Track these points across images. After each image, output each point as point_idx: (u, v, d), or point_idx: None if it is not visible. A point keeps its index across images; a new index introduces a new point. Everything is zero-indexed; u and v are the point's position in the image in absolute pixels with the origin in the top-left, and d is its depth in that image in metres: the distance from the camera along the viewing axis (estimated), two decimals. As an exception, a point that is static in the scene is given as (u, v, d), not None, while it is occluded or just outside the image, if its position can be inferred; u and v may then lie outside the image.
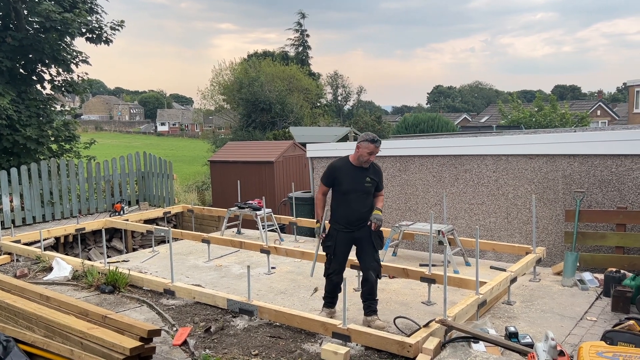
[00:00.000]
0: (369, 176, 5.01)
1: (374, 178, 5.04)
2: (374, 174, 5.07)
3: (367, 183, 4.99)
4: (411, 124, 24.73)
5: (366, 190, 5.01)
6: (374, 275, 5.04)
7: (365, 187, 5.00)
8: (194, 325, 5.05)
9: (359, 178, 4.98)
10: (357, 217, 5.00)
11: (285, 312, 4.93)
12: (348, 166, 5.03)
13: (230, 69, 36.19)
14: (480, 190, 8.05)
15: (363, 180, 4.98)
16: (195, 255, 8.38)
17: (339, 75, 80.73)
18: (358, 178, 4.98)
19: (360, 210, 5.00)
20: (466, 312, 4.94)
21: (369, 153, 4.92)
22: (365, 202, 5.03)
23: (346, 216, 5.01)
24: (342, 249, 5.10)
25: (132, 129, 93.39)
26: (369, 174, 5.03)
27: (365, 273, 5.11)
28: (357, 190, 4.98)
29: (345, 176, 5.01)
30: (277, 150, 13.03)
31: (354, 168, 5.01)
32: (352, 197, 4.99)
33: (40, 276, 6.86)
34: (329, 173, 5.13)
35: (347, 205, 5.00)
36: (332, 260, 5.14)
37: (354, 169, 5.01)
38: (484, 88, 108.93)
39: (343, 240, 5.08)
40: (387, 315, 5.50)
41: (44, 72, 13.20)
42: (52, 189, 10.74)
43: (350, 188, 4.98)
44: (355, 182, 4.98)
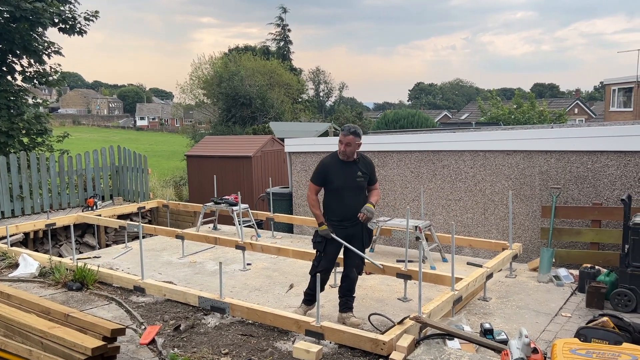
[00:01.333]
0: (359, 170, 4.89)
1: (365, 171, 4.92)
2: (364, 167, 4.94)
3: (359, 177, 4.88)
4: (391, 120, 24.73)
5: (359, 185, 4.90)
6: (356, 272, 4.96)
7: (358, 182, 4.88)
8: (163, 324, 4.90)
9: (350, 173, 4.86)
10: (352, 214, 4.83)
11: (257, 309, 4.81)
12: (337, 162, 4.91)
13: (210, 63, 35.84)
14: (458, 186, 8.02)
15: (354, 175, 4.86)
16: (169, 252, 8.20)
17: (321, 71, 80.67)
18: (348, 173, 4.86)
19: (355, 206, 4.84)
20: (441, 308, 4.88)
21: (344, 144, 4.81)
22: (359, 197, 4.91)
23: (341, 213, 4.88)
24: (333, 246, 4.92)
25: (111, 123, 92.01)
26: (360, 168, 4.91)
27: (348, 269, 5.00)
28: (349, 186, 4.86)
29: (335, 173, 4.88)
30: (255, 144, 12.87)
31: (343, 163, 4.89)
32: (346, 194, 4.86)
33: (5, 273, 6.62)
34: (319, 172, 4.97)
35: (341, 202, 4.87)
36: (322, 258, 4.97)
37: (343, 164, 4.89)
38: (465, 85, 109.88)
39: (339, 236, 4.88)
40: (362, 312, 5.41)
41: (15, 63, 12.80)
42: (22, 183, 10.43)
43: (342, 184, 4.86)
44: (346, 177, 4.86)
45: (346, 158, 4.86)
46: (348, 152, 4.82)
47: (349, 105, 58.02)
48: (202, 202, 11.19)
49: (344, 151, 4.82)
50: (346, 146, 4.80)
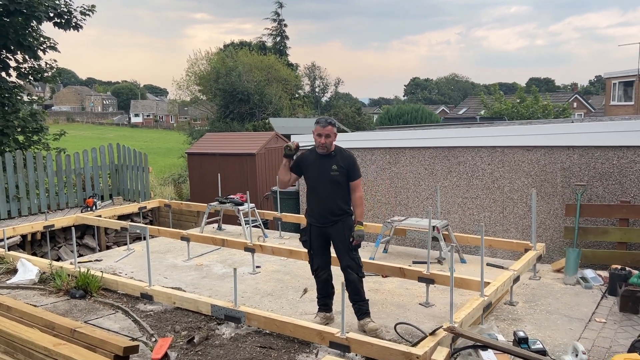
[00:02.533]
0: (335, 163, 4.61)
1: (341, 165, 4.61)
2: (342, 160, 4.64)
3: (334, 172, 4.59)
4: (394, 115, 24.37)
5: (333, 180, 4.60)
6: (353, 274, 4.63)
7: (332, 177, 4.60)
8: (174, 335, 4.57)
9: (324, 167, 4.62)
10: (327, 211, 4.64)
11: (276, 319, 4.49)
12: (314, 157, 4.70)
13: (207, 58, 35.34)
14: (475, 183, 7.71)
15: (328, 168, 4.60)
16: (174, 254, 7.86)
17: (316, 67, 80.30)
18: (323, 167, 4.63)
19: (329, 204, 4.63)
20: (472, 316, 4.58)
21: (317, 135, 4.59)
22: (335, 193, 4.63)
23: (317, 209, 4.71)
24: (318, 243, 4.77)
25: (105, 120, 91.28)
26: (336, 162, 4.62)
27: (344, 273, 4.69)
28: (323, 180, 4.63)
29: (310, 166, 4.72)
30: (258, 142, 12.51)
31: (319, 157, 4.67)
32: (320, 189, 4.66)
33: (3, 279, 6.27)
34: (295, 161, 4.86)
35: (316, 198, 4.70)
36: (313, 256, 4.84)
37: (319, 158, 4.67)
38: (460, 80, 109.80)
39: (317, 235, 4.75)
40: (383, 319, 5.11)
41: (9, 59, 12.38)
42: (19, 183, 10.04)
43: (316, 178, 4.68)
44: (320, 171, 4.65)
45: (326, 151, 4.62)
46: (327, 143, 4.59)
47: (346, 101, 57.62)
48: (204, 201, 10.86)
49: (324, 143, 4.59)
50: (326, 138, 4.57)
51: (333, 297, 4.96)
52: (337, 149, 4.71)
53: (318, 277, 4.87)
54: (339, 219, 4.65)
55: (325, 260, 4.84)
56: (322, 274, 4.82)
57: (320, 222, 4.69)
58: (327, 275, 4.85)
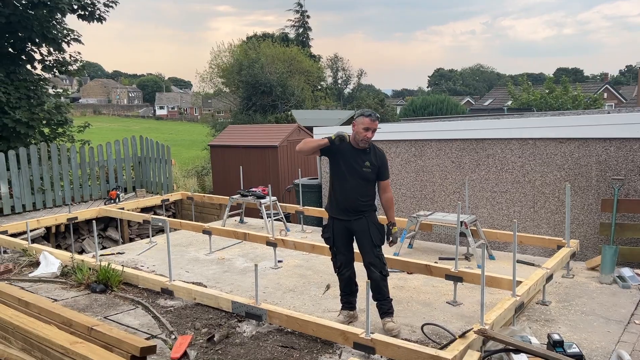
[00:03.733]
0: (368, 160, 4.44)
1: (374, 163, 4.45)
2: (375, 158, 4.48)
3: (366, 168, 4.43)
4: (419, 106, 23.91)
5: (364, 176, 4.45)
6: (376, 272, 4.46)
7: (364, 172, 4.43)
8: (194, 332, 4.46)
9: (358, 161, 4.44)
10: (353, 207, 4.48)
11: (298, 317, 4.34)
12: (348, 147, 4.48)
13: (229, 50, 35.31)
14: (504, 177, 7.43)
15: (362, 164, 4.43)
16: (196, 247, 7.79)
17: (339, 58, 79.81)
18: (356, 161, 4.44)
19: (357, 199, 4.46)
20: (504, 317, 4.35)
21: (364, 129, 4.36)
22: (364, 190, 4.48)
23: (342, 203, 4.52)
24: (341, 240, 4.61)
25: (131, 113, 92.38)
26: (369, 158, 4.46)
27: (367, 271, 4.54)
28: (354, 175, 4.45)
29: (343, 157, 4.48)
30: (281, 134, 12.36)
31: (353, 150, 4.47)
32: (349, 183, 4.46)
33: (26, 272, 6.27)
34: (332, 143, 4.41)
35: (343, 192, 4.50)
36: (336, 253, 4.67)
37: (353, 150, 4.47)
38: (486, 71, 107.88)
39: (340, 230, 4.58)
40: (410, 318, 4.93)
41: (34, 52, 12.47)
42: (43, 175, 10.11)
43: (347, 171, 4.47)
44: (352, 165, 4.44)
45: (359, 144, 4.43)
46: (368, 138, 4.40)
47: (370, 92, 57.04)
48: (226, 193, 10.79)
49: (370, 138, 4.40)
50: (371, 132, 4.38)
51: (357, 294, 4.81)
52: (372, 145, 4.54)
53: (341, 275, 4.72)
54: (363, 214, 4.49)
55: (348, 258, 4.68)
56: (345, 271, 4.67)
57: (344, 216, 4.52)
58: (350, 273, 4.69)
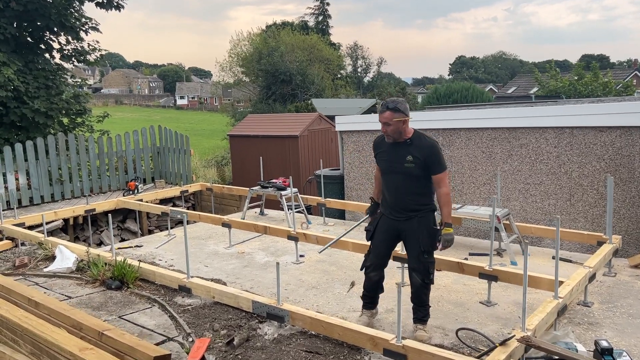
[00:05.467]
0: (410, 154, 4.01)
1: (417, 156, 3.98)
2: (418, 150, 4.00)
3: (408, 163, 4.01)
4: (443, 94, 23.30)
5: (406, 172, 4.03)
6: (418, 278, 4.11)
7: (405, 168, 4.02)
8: (213, 334, 4.21)
9: (397, 156, 4.08)
10: (401, 206, 4.11)
11: (323, 320, 4.05)
12: (386, 142, 4.18)
13: (249, 39, 35.02)
14: (539, 167, 7.02)
15: (402, 159, 4.04)
16: (215, 240, 7.57)
17: (358, 46, 79.07)
18: (397, 156, 4.08)
19: (402, 198, 4.10)
20: (546, 321, 4.01)
21: (382, 124, 4.08)
22: (409, 186, 4.07)
23: (389, 201, 4.21)
24: (382, 236, 4.24)
25: (152, 103, 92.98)
26: (411, 151, 4.02)
27: (409, 274, 4.24)
28: (395, 171, 4.11)
29: (382, 154, 4.24)
30: (301, 123, 12.06)
31: (392, 144, 4.13)
32: (391, 180, 4.16)
33: (42, 266, 6.11)
34: (374, 150, 4.39)
35: (387, 189, 4.21)
36: (371, 251, 4.32)
37: (392, 145, 4.13)
38: (508, 58, 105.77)
39: (385, 225, 4.23)
40: (441, 320, 4.61)
41: (53, 41, 12.34)
42: (61, 165, 9.98)
43: (386, 168, 4.21)
44: (391, 161, 4.13)
45: (392, 140, 4.09)
46: (390, 132, 4.05)
47: (390, 81, 56.35)
48: (246, 184, 10.55)
49: (386, 132, 4.08)
50: (385, 126, 4.05)
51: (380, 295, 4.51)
52: (416, 135, 4.09)
53: (368, 277, 4.34)
54: (415, 214, 4.09)
55: (382, 260, 4.30)
56: (374, 275, 4.29)
57: (393, 215, 4.17)
58: (379, 278, 4.33)
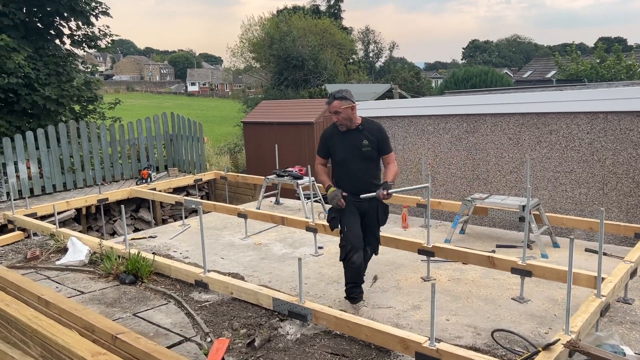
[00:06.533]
0: (366, 138, 4.33)
1: (371, 139, 4.34)
2: (371, 134, 4.36)
3: (365, 147, 4.33)
4: (461, 78, 22.73)
5: (365, 156, 4.35)
6: (370, 252, 4.57)
7: (364, 153, 4.34)
8: (232, 334, 3.99)
9: (354, 142, 4.34)
10: (363, 188, 4.34)
11: (349, 320, 3.80)
12: (338, 132, 4.42)
13: (260, 24, 34.54)
14: (569, 155, 6.67)
15: (359, 144, 4.33)
16: (231, 230, 7.35)
17: (370, 31, 78.20)
18: (353, 142, 4.35)
19: (365, 180, 4.38)
20: (589, 322, 3.73)
21: (332, 114, 4.34)
22: (369, 169, 4.41)
23: (350, 186, 4.39)
24: (353, 218, 4.37)
25: (163, 89, 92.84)
26: (366, 136, 4.34)
27: (364, 249, 4.45)
28: (354, 157, 4.36)
29: (337, 144, 4.42)
30: (316, 109, 11.74)
31: (345, 133, 4.38)
32: (352, 166, 4.38)
33: (53, 258, 5.92)
34: (320, 142, 4.59)
35: (348, 175, 4.41)
36: (346, 233, 4.35)
37: (345, 134, 4.38)
38: (523, 42, 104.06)
39: (352, 208, 4.39)
40: (472, 317, 4.34)
41: (63, 26, 12.10)
42: (73, 154, 9.80)
43: (345, 156, 4.39)
44: (350, 147, 4.36)
45: (345, 127, 4.36)
46: (342, 119, 4.30)
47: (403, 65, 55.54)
48: (260, 172, 10.30)
49: (338, 121, 4.34)
50: (336, 115, 4.31)
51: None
52: (365, 121, 4.43)
53: (351, 263, 4.29)
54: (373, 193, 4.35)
55: (361, 242, 4.36)
56: (357, 258, 4.27)
57: (357, 198, 4.36)
58: (361, 261, 4.34)
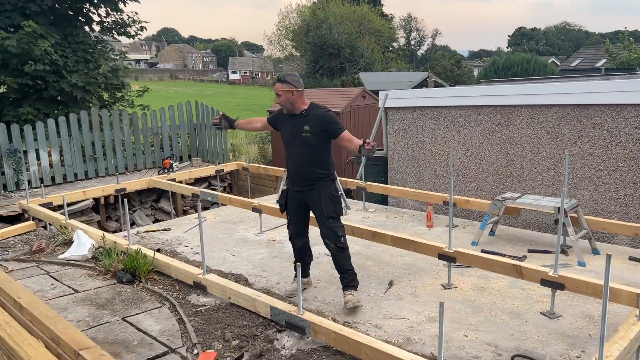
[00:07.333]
0: (307, 124, 4.19)
1: (312, 125, 4.17)
2: (313, 120, 4.19)
3: (305, 133, 4.17)
4: (502, 66, 21.67)
5: (305, 142, 4.19)
6: (331, 244, 4.28)
7: (304, 138, 4.18)
8: (222, 345, 3.65)
9: (296, 127, 4.24)
10: (301, 176, 4.27)
11: (349, 337, 3.40)
12: (286, 116, 4.35)
13: (297, 11, 34.15)
14: (614, 152, 6.01)
15: (300, 129, 4.20)
16: (246, 225, 7.05)
17: (412, 18, 76.67)
18: (295, 127, 4.25)
19: (303, 168, 4.24)
20: (628, 350, 3.21)
21: (277, 95, 4.26)
22: (308, 157, 4.22)
23: (292, 173, 4.39)
24: (294, 208, 4.44)
25: (205, 78, 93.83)
26: (307, 122, 4.19)
27: (324, 242, 4.35)
28: (295, 143, 4.27)
29: (283, 126, 4.39)
30: (344, 99, 11.29)
31: (290, 117, 4.30)
32: (292, 152, 4.30)
33: (59, 251, 5.75)
34: (273, 116, 4.57)
35: (290, 161, 4.36)
36: (289, 222, 4.52)
37: (290, 118, 4.30)
38: (572, 29, 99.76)
39: (293, 199, 4.42)
40: (493, 334, 3.87)
41: (92, 13, 12.05)
42: (95, 142, 9.70)
43: (288, 140, 4.35)
44: (292, 132, 4.28)
45: (287, 111, 4.29)
46: (281, 102, 4.24)
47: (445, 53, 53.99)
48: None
49: (279, 103, 4.29)
50: (277, 97, 4.27)
51: (310, 263, 4.79)
52: (311, 107, 4.27)
53: (294, 244, 4.58)
54: (315, 184, 4.24)
55: (300, 228, 4.48)
56: (297, 241, 4.52)
57: (296, 186, 4.34)
58: (302, 244, 4.54)
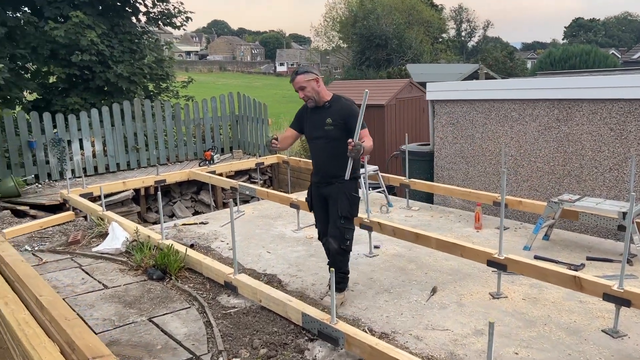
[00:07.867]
0: (330, 116, 4.01)
1: (336, 118, 4.00)
2: (337, 112, 4.01)
3: (328, 126, 4.02)
4: (558, 58, 20.60)
5: (328, 135, 4.03)
6: (334, 244, 4.09)
7: (326, 131, 4.02)
8: (250, 353, 3.42)
9: (318, 120, 4.09)
10: (323, 170, 4.14)
11: (385, 352, 3.09)
12: (309, 109, 4.20)
13: (345, 2, 33.68)
14: (689, 152, 5.42)
15: (322, 122, 4.04)
16: (285, 220, 6.84)
17: (463, 9, 74.90)
18: (317, 120, 4.10)
19: (325, 162, 4.12)
20: None
21: (297, 90, 4.07)
22: (330, 150, 4.05)
23: (315, 168, 4.26)
24: (318, 205, 4.30)
25: (253, 69, 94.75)
26: (330, 114, 4.02)
27: (326, 240, 4.19)
28: (317, 136, 4.14)
29: (306, 121, 4.24)
30: (389, 90, 10.88)
31: (313, 110, 4.16)
32: (315, 145, 4.20)
33: (94, 244, 5.70)
34: (295, 117, 4.39)
35: (313, 155, 4.28)
36: (316, 220, 4.38)
37: (313, 111, 4.16)
38: (635, 20, 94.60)
39: (315, 195, 4.30)
40: (548, 353, 3.48)
41: (139, 3, 12.09)
42: (137, 132, 9.72)
43: (310, 134, 4.23)
44: (314, 125, 4.14)
45: (313, 104, 4.11)
46: (308, 94, 4.03)
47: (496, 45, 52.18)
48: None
49: (303, 97, 4.10)
50: (301, 91, 4.05)
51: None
52: (334, 98, 4.10)
53: (323, 244, 4.34)
54: (336, 180, 4.06)
55: (326, 227, 4.23)
56: (324, 241, 4.28)
57: (318, 181, 4.21)
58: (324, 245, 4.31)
